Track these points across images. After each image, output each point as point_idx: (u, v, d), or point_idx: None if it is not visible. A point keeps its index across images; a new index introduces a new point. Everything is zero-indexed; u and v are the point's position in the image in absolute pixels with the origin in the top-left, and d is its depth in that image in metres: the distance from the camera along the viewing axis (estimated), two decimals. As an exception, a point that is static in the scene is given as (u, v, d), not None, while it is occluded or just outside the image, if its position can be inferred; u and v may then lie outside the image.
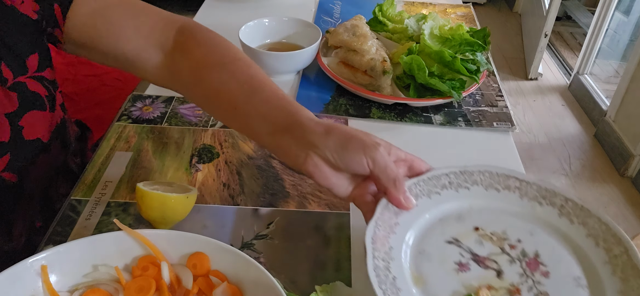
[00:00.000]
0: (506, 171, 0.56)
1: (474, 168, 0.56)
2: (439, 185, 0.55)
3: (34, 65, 0.63)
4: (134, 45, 0.63)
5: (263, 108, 0.56)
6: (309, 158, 0.51)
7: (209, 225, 0.60)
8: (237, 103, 0.58)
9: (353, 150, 0.50)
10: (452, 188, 0.55)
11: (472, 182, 0.56)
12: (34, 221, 0.69)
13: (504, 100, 0.86)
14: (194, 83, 0.62)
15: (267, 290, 0.45)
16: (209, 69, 0.61)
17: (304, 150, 0.52)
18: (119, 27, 0.63)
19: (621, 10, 2.62)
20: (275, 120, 0.55)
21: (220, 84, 0.59)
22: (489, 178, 0.56)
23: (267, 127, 0.55)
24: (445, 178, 0.55)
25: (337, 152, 0.50)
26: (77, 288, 0.46)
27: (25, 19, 0.60)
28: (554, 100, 2.61)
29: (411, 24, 0.92)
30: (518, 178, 0.56)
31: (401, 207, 0.51)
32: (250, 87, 0.58)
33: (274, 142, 0.55)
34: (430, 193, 0.54)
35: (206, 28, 0.65)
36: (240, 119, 0.59)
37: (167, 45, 0.64)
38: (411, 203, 0.52)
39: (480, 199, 0.55)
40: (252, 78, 0.58)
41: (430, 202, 0.54)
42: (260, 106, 0.56)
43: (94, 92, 1.51)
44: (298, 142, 0.53)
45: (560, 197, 0.54)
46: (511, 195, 0.55)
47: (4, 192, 0.64)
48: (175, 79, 0.64)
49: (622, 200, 1.98)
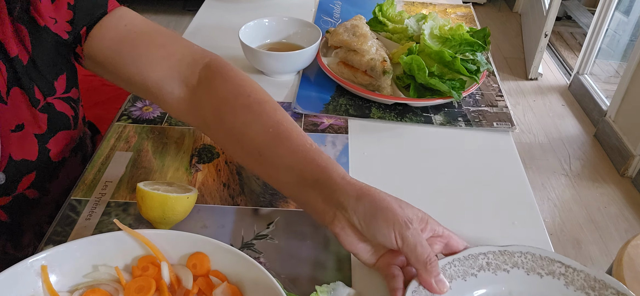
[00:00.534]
0: (550, 254, 0.51)
1: (515, 249, 0.52)
2: (475, 266, 0.51)
3: (62, 86, 0.63)
4: (158, 75, 0.61)
5: (290, 159, 0.53)
6: (337, 219, 0.49)
7: (209, 225, 0.60)
8: (262, 148, 0.55)
9: (382, 223, 0.47)
10: (490, 270, 0.51)
11: (513, 265, 0.51)
12: (43, 227, 0.70)
13: (504, 100, 0.86)
14: (217, 122, 0.59)
15: (267, 290, 0.45)
16: (232, 107, 0.58)
17: (332, 209, 0.50)
18: (144, 56, 0.61)
19: (621, 10, 2.62)
20: (303, 172, 0.52)
21: (243, 126, 0.57)
22: (531, 261, 0.51)
23: (294, 179, 0.53)
24: (482, 258, 0.51)
25: (365, 221, 0.48)
26: (77, 288, 0.46)
27: (57, 39, 0.59)
28: (554, 100, 2.61)
29: (411, 24, 0.92)
30: (564, 263, 0.51)
31: (433, 291, 0.48)
32: (276, 133, 0.55)
33: (300, 195, 0.53)
34: (466, 274, 0.50)
35: (234, 68, 0.62)
36: (265, 166, 0.56)
37: (192, 80, 0.61)
38: (445, 286, 0.48)
39: (521, 284, 0.50)
40: (278, 124, 0.55)
41: (465, 285, 0.50)
42: (287, 156, 0.53)
43: (94, 92, 1.50)
44: (326, 199, 0.50)
45: (611, 290, 0.48)
46: (555, 283, 0.50)
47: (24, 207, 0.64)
48: (198, 115, 0.61)
49: (622, 200, 1.98)
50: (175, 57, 0.62)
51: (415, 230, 0.47)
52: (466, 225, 0.61)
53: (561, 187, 2.05)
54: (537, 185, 2.05)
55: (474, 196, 0.66)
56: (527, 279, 0.51)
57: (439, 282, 0.48)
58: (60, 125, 0.63)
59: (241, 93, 0.59)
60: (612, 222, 1.89)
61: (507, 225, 0.62)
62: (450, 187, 0.67)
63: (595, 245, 1.79)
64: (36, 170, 0.62)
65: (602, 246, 1.79)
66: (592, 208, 1.95)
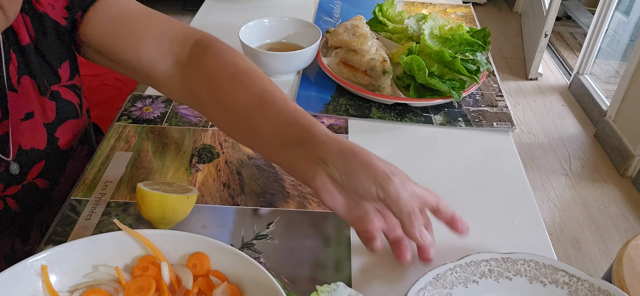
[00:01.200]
0: (554, 262, 0.50)
1: (518, 256, 0.51)
2: (477, 273, 0.50)
3: (66, 73, 0.64)
4: (151, 54, 0.62)
5: (276, 123, 0.54)
6: (318, 174, 0.49)
7: (209, 225, 0.60)
8: (249, 116, 0.56)
9: (363, 176, 0.47)
10: (492, 278, 0.50)
11: (515, 272, 0.50)
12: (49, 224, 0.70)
13: (504, 100, 0.86)
14: (207, 95, 0.60)
15: (267, 290, 0.45)
16: (221, 79, 0.59)
17: (313, 166, 0.50)
18: (138, 36, 0.62)
19: (621, 10, 2.62)
20: (287, 134, 0.53)
21: (231, 96, 0.58)
22: (535, 269, 0.50)
23: (279, 141, 0.53)
24: (484, 265, 0.50)
25: (347, 175, 0.48)
26: (77, 288, 0.46)
27: (56, 26, 0.61)
28: (554, 100, 2.61)
29: (411, 24, 0.92)
30: (567, 272, 0.50)
31: (418, 242, 0.48)
32: (262, 100, 0.56)
33: (284, 156, 0.53)
34: (467, 281, 0.49)
35: (224, 43, 0.64)
36: (252, 134, 0.57)
37: (183, 56, 0.63)
38: (427, 238, 0.48)
39: (523, 293, 0.49)
40: (264, 91, 0.56)
41: (466, 291, 0.49)
42: (273, 120, 0.54)
43: (94, 92, 1.50)
44: (309, 156, 0.50)
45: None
46: (559, 292, 0.49)
47: (35, 197, 0.64)
48: (189, 91, 0.62)
49: (622, 200, 1.98)
50: (168, 36, 0.63)
51: (398, 182, 0.47)
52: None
53: (561, 187, 2.05)
54: (537, 185, 2.05)
55: (474, 196, 0.66)
56: (530, 287, 0.50)
57: (422, 234, 0.48)
58: (68, 114, 0.65)
59: (229, 64, 0.60)
60: (612, 221, 1.89)
61: (507, 225, 0.62)
62: (450, 187, 0.67)
63: (595, 245, 1.79)
64: (46, 159, 0.63)
65: (602, 246, 1.79)
66: (592, 208, 1.95)
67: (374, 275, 0.55)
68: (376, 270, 0.55)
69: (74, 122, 0.66)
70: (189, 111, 0.80)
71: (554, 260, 0.51)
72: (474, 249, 0.56)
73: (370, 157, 0.48)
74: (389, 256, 0.55)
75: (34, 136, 0.61)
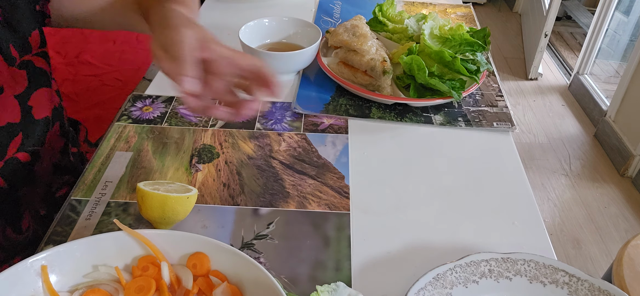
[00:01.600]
0: (554, 262, 0.51)
1: (518, 257, 0.51)
2: (477, 273, 0.50)
3: (37, 41, 0.65)
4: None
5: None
6: (152, 41, 0.54)
7: (209, 225, 0.60)
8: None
9: (170, 42, 0.51)
10: (492, 278, 0.50)
11: (515, 272, 0.50)
12: (38, 210, 0.70)
13: (504, 100, 0.86)
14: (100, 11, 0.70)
15: (267, 290, 0.45)
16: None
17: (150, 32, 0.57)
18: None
19: (621, 10, 2.62)
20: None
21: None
22: (535, 269, 0.51)
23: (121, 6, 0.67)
24: (485, 265, 0.50)
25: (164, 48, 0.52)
26: (77, 288, 0.46)
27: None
28: (554, 100, 2.61)
29: (411, 24, 0.92)
30: (567, 272, 0.50)
31: (180, 85, 0.50)
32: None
33: (129, 21, 0.68)
34: (467, 281, 0.50)
35: None
36: (114, 16, 0.70)
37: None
38: (192, 84, 0.50)
39: (523, 293, 0.50)
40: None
41: (466, 291, 0.49)
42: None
43: (94, 92, 1.51)
44: (147, 25, 0.60)
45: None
46: (559, 292, 0.49)
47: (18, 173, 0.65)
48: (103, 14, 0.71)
49: (622, 200, 1.98)
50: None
51: (187, 34, 0.51)
52: (466, 225, 0.61)
53: (561, 187, 2.05)
54: (537, 185, 2.05)
55: (474, 196, 0.66)
56: (530, 288, 0.50)
57: (190, 82, 0.49)
58: (40, 82, 0.66)
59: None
60: (612, 221, 1.89)
61: (507, 225, 0.62)
62: (450, 187, 0.68)
63: (595, 245, 1.79)
64: (22, 131, 0.64)
65: (602, 246, 1.79)
66: (592, 208, 1.95)
67: (374, 275, 0.55)
68: (376, 270, 0.55)
69: (48, 91, 0.68)
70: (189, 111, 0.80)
71: (554, 260, 0.51)
72: (474, 249, 0.56)
73: (180, 20, 0.53)
74: (389, 256, 0.55)
75: (6, 110, 0.61)
